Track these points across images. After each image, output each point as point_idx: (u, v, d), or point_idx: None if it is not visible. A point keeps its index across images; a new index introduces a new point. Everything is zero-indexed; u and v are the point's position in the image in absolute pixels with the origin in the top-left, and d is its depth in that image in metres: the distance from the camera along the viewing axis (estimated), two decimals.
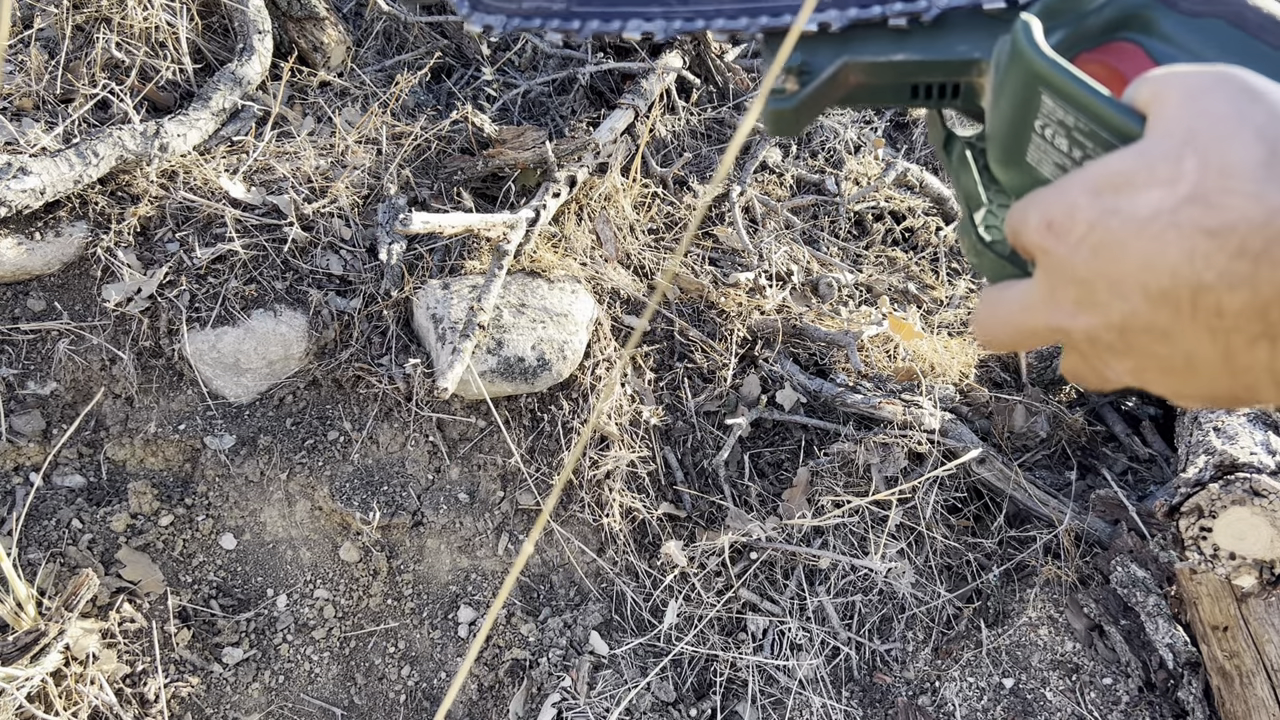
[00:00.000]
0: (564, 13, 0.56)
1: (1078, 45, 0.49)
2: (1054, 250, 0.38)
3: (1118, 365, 0.38)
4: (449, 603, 1.65)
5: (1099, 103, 0.39)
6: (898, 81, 0.53)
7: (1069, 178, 0.39)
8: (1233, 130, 0.33)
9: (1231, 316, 0.33)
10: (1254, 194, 0.32)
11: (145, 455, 1.66)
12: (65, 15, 1.83)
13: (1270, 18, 0.46)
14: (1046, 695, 1.63)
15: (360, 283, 1.74)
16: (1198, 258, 0.33)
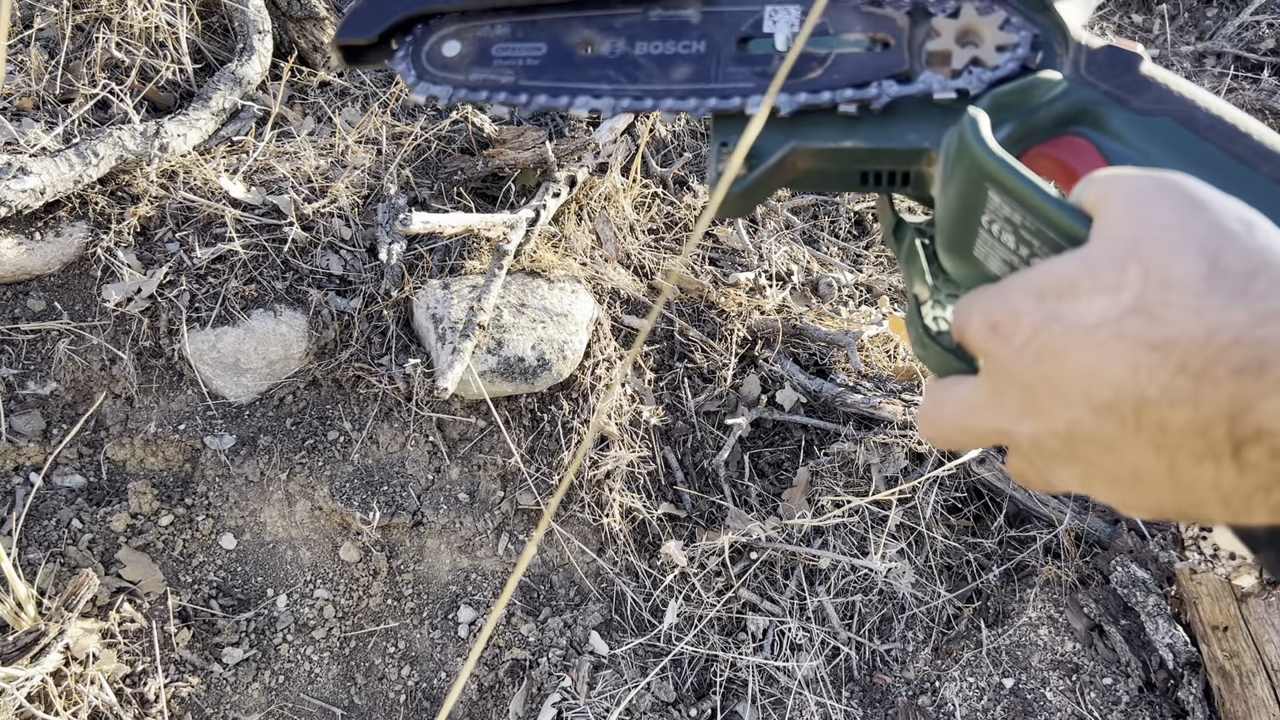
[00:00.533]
0: (511, 86, 0.56)
1: (1028, 139, 0.49)
2: (998, 353, 0.38)
3: (1063, 472, 0.38)
4: (449, 603, 1.65)
5: (1045, 203, 0.39)
6: (846, 168, 0.52)
7: (1014, 279, 0.39)
8: (1176, 241, 0.33)
9: (1175, 433, 0.33)
10: (1194, 309, 0.32)
11: (145, 455, 1.66)
12: (65, 15, 1.83)
13: (1220, 119, 0.46)
14: (1046, 695, 1.63)
15: (360, 283, 1.74)
16: (1141, 371, 0.33)
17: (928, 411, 0.45)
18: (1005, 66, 0.50)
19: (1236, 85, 2.62)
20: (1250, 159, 0.45)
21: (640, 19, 0.56)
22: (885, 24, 0.53)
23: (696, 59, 0.55)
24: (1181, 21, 2.95)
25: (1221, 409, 0.31)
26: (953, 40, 0.51)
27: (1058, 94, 0.48)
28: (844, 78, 0.52)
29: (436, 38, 0.59)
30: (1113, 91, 0.48)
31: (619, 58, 0.56)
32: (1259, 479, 0.32)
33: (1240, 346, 0.31)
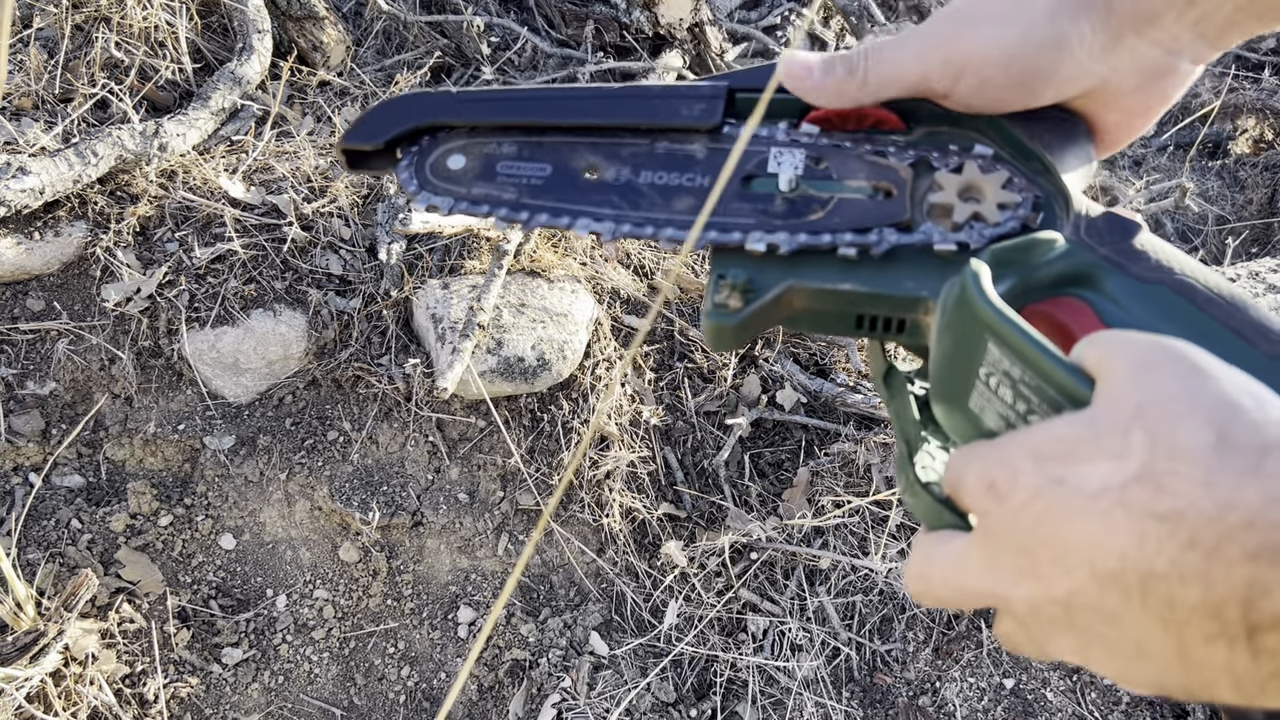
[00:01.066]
0: (513, 203, 0.57)
1: (1026, 296, 0.49)
2: (994, 514, 0.37)
3: (1060, 640, 0.37)
4: (449, 603, 1.65)
5: (1047, 360, 0.39)
6: (843, 310, 0.53)
7: (1012, 437, 0.38)
8: (1183, 410, 0.32)
9: (1185, 610, 0.32)
10: (1204, 482, 0.31)
11: (144, 455, 1.66)
12: (64, 15, 1.83)
13: (1217, 293, 0.46)
14: (1047, 695, 1.62)
15: (360, 282, 1.73)
16: (1148, 542, 0.32)
17: (917, 567, 0.43)
18: (1006, 224, 0.50)
19: (1237, 85, 2.62)
20: (1248, 335, 0.45)
21: (647, 150, 0.57)
22: (888, 173, 0.54)
23: (700, 192, 0.55)
24: None
25: (1235, 591, 0.30)
26: (955, 195, 0.52)
27: (1057, 254, 0.48)
28: (845, 222, 0.53)
29: (442, 150, 0.59)
30: (1111, 256, 0.48)
31: (623, 184, 0.56)
32: (1275, 665, 0.31)
33: (1254, 530, 0.30)
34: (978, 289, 0.42)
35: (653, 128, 0.58)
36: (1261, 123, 2.55)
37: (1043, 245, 0.48)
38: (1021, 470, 0.36)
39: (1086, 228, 0.49)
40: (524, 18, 2.49)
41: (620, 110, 0.58)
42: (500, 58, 2.37)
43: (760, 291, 0.51)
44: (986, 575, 0.38)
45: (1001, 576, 0.37)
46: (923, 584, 0.43)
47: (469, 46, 2.35)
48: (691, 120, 0.57)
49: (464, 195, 0.57)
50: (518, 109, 0.59)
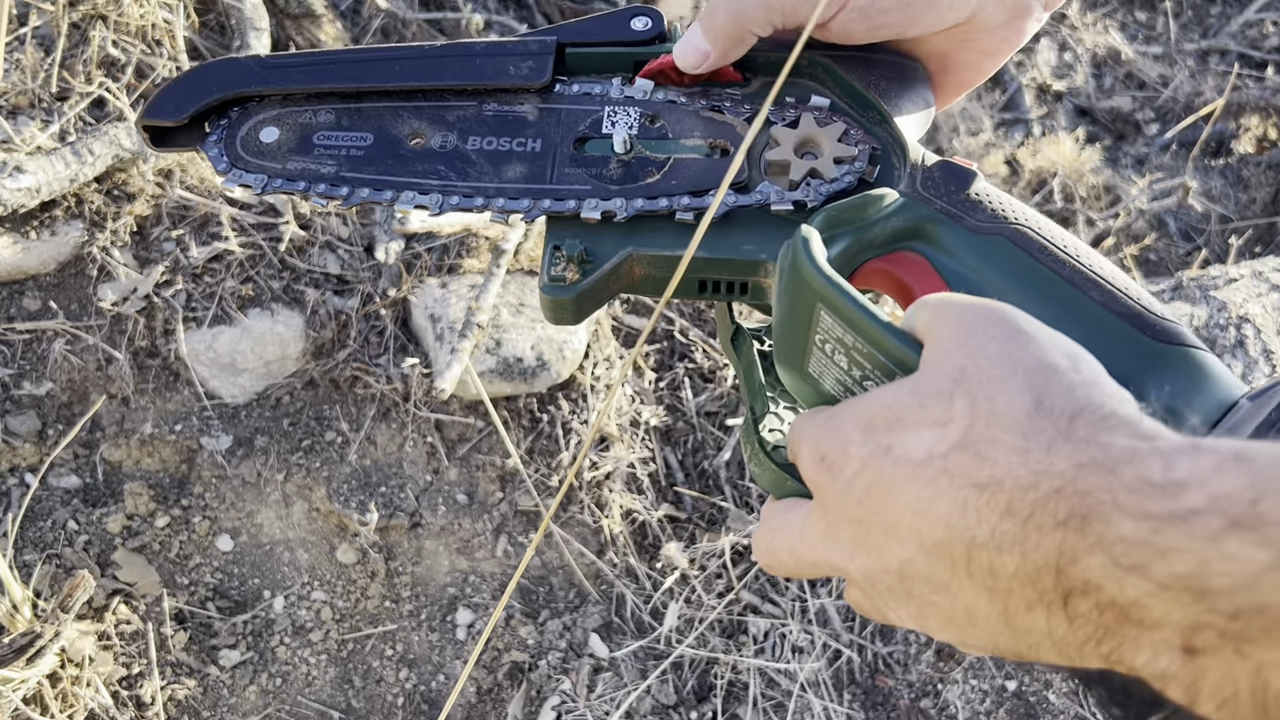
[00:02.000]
0: (332, 177, 0.53)
1: (863, 254, 0.49)
2: (827, 486, 0.37)
3: (899, 609, 0.37)
4: (447, 605, 1.64)
5: (876, 327, 0.39)
6: (684, 276, 0.51)
7: (843, 409, 0.38)
8: (1002, 374, 0.32)
9: (1005, 578, 0.32)
10: (1020, 449, 0.31)
11: (141, 456, 1.65)
12: (61, 12, 1.82)
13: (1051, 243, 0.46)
14: (1049, 698, 1.62)
15: (358, 282, 1.72)
16: (969, 511, 0.32)
17: (764, 538, 0.43)
18: (843, 179, 0.50)
19: (1241, 83, 2.61)
20: (1079, 283, 0.45)
21: (475, 113, 0.54)
22: (724, 130, 0.52)
23: (531, 158, 0.53)
24: (1185, 19, 2.94)
25: (1049, 559, 0.30)
26: (791, 151, 0.51)
27: (893, 209, 0.48)
28: (682, 184, 0.51)
29: (254, 122, 0.55)
30: (947, 208, 0.48)
31: (450, 152, 0.53)
32: (1089, 630, 0.31)
33: (1063, 496, 0.30)
34: (807, 256, 0.41)
35: (479, 89, 0.54)
36: (1265, 121, 2.54)
37: (878, 202, 0.48)
38: (851, 441, 0.36)
39: (923, 179, 0.49)
40: (523, 15, 2.48)
41: (443, 70, 0.54)
42: None
43: (598, 261, 0.50)
44: (824, 547, 0.38)
45: (838, 548, 0.37)
46: (769, 555, 0.43)
47: None
48: (520, 79, 0.54)
49: (279, 171, 0.54)
50: (332, 73, 0.55)
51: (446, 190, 0.52)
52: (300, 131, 0.54)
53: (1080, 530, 0.30)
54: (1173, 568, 0.28)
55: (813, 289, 0.41)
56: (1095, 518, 0.29)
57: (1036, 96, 2.68)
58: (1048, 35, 2.81)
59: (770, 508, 0.45)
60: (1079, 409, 0.31)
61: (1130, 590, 0.29)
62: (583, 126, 0.53)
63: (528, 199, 0.52)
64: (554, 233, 0.51)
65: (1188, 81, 2.69)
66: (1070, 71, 2.75)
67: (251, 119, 0.55)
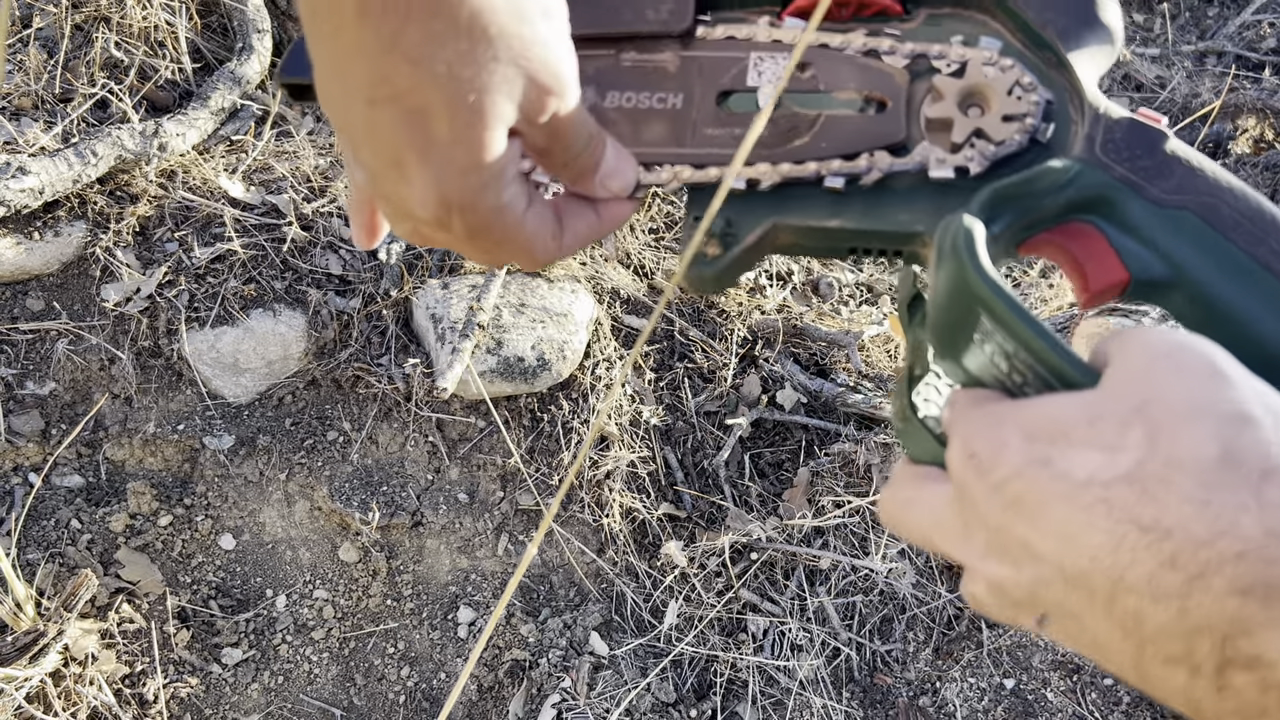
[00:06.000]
0: None
1: (1033, 227, 0.44)
2: (972, 486, 0.35)
3: (1023, 617, 0.35)
4: (448, 603, 1.65)
5: (1047, 349, 0.35)
6: (832, 245, 0.47)
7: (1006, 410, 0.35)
8: (1190, 415, 0.30)
9: (1151, 628, 0.30)
10: (1199, 500, 0.28)
11: (144, 455, 1.66)
12: (64, 14, 1.83)
13: (1246, 213, 0.41)
14: (1048, 696, 1.62)
15: (359, 282, 1.73)
16: (1124, 549, 0.29)
17: (892, 504, 0.41)
18: (1012, 140, 0.45)
19: (1238, 85, 2.62)
20: (1277, 266, 0.40)
21: (612, 64, 0.49)
22: (883, 80, 0.47)
23: (672, 116, 0.48)
24: (1182, 20, 2.95)
25: (1214, 624, 0.28)
26: (955, 105, 0.45)
27: (1068, 180, 0.43)
28: (832, 146, 0.46)
29: None
30: (1129, 177, 0.43)
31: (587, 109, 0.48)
32: (1238, 705, 0.29)
33: (1247, 562, 0.28)
34: (970, 257, 0.37)
35: (617, 35, 0.49)
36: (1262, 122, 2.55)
37: (1050, 175, 0.43)
38: (1008, 444, 0.34)
39: (1104, 140, 0.43)
40: None
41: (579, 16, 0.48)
42: None
43: (741, 234, 0.46)
44: (956, 542, 0.37)
45: (972, 548, 0.36)
46: (895, 521, 0.41)
47: None
48: (658, 23, 0.48)
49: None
50: None
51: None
52: None
53: (1264, 602, 0.27)
54: None
55: (975, 294, 0.36)
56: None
57: None
58: None
59: (905, 471, 0.42)
60: (1273, 468, 0.28)
61: None
62: (726, 78, 0.48)
63: (666, 166, 0.47)
64: (695, 202, 0.47)
65: (1185, 83, 2.70)
66: None
67: None
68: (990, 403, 0.37)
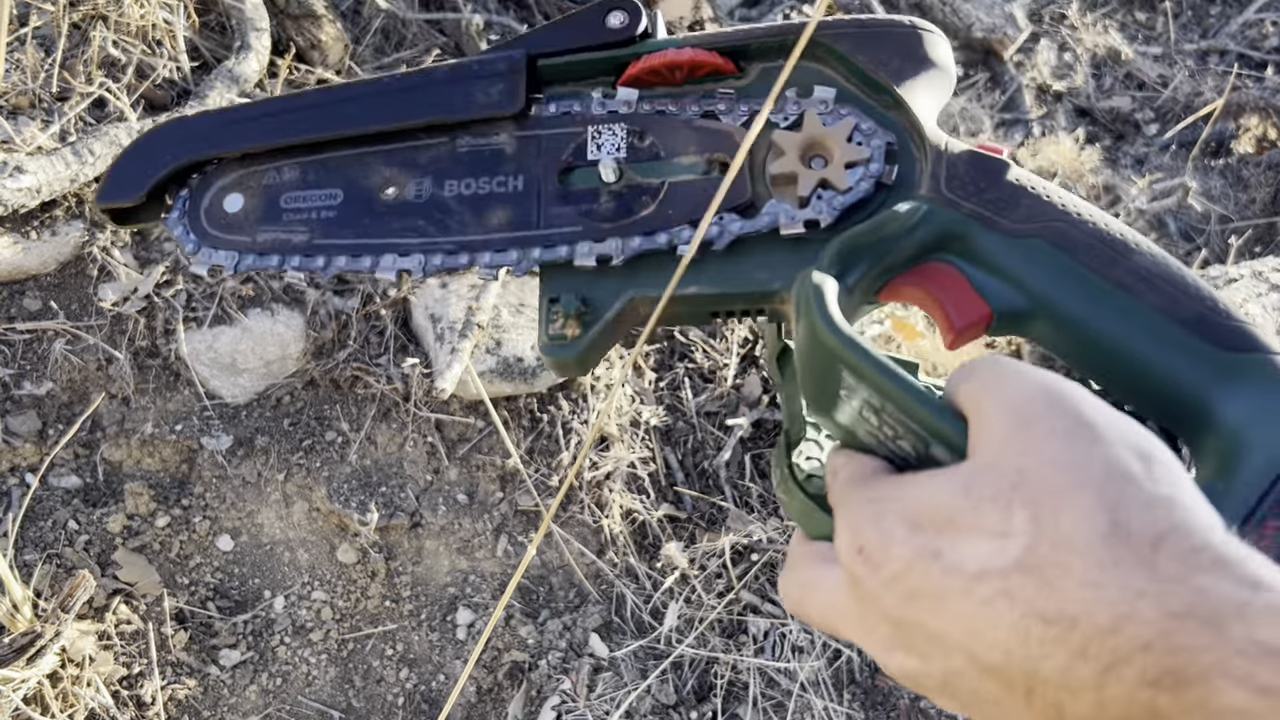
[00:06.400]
0: (305, 247, 0.48)
1: (888, 273, 0.43)
2: (865, 580, 0.33)
3: (945, 703, 0.34)
4: (447, 605, 1.64)
5: (909, 399, 0.34)
6: (694, 310, 0.47)
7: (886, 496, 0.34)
8: (1069, 484, 0.29)
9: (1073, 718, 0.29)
10: (1095, 583, 0.28)
11: (142, 456, 1.66)
12: (62, 13, 1.82)
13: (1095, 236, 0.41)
14: None
15: (358, 282, 1.73)
16: (1032, 643, 0.28)
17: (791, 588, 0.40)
18: (858, 187, 0.44)
19: (1240, 83, 2.61)
20: (1131, 284, 0.40)
21: (448, 151, 0.49)
22: (721, 140, 0.46)
23: (514, 199, 0.47)
24: (1185, 19, 2.94)
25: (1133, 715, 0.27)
26: (797, 158, 0.45)
27: (917, 221, 0.42)
28: (680, 213, 0.46)
29: (216, 190, 0.50)
30: (978, 211, 0.42)
31: (426, 202, 0.48)
32: None
33: (1154, 652, 0.27)
34: (821, 315, 0.36)
35: (448, 123, 0.49)
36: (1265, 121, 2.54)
37: (897, 219, 0.42)
38: (894, 538, 0.32)
39: (948, 176, 0.43)
40: (523, 15, 2.48)
41: (407, 106, 0.48)
42: None
43: (598, 312, 0.46)
44: (859, 633, 0.36)
45: (873, 639, 0.35)
46: (798, 608, 0.39)
47: (468, 45, 2.34)
48: (491, 107, 0.48)
49: (249, 245, 0.49)
50: (289, 123, 0.49)
51: (428, 249, 0.47)
52: (266, 195, 0.50)
53: (1175, 692, 0.27)
54: None
55: (830, 350, 0.36)
56: (1196, 681, 0.26)
57: (1036, 97, 2.68)
58: (1047, 35, 2.81)
59: (799, 551, 0.40)
60: (1161, 534, 0.28)
61: None
62: (566, 154, 0.48)
63: (516, 249, 0.47)
64: (548, 283, 0.47)
65: (1187, 82, 2.69)
66: (1070, 72, 2.75)
67: (213, 186, 0.50)
68: (871, 483, 0.36)
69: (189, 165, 0.50)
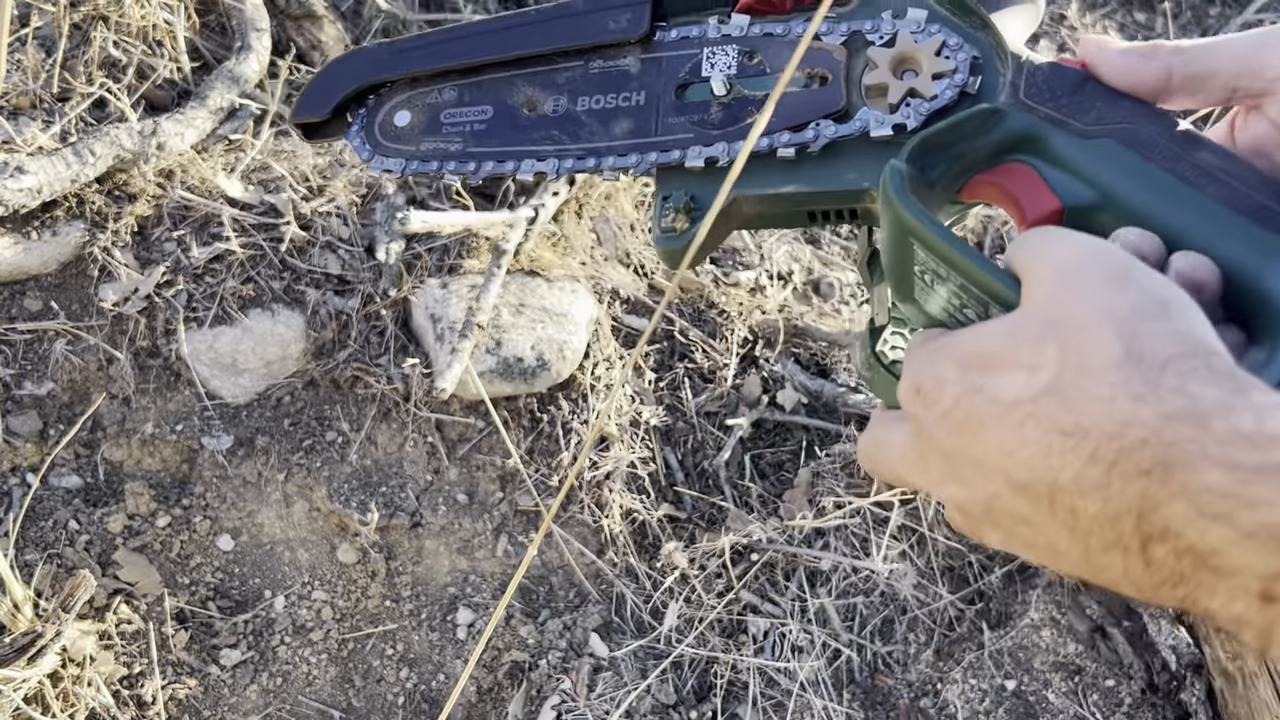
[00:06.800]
0: (460, 154, 0.57)
1: (967, 171, 0.48)
2: (921, 418, 0.38)
3: (989, 534, 0.39)
4: (447, 604, 1.65)
5: (971, 264, 0.39)
6: (792, 210, 0.52)
7: (943, 344, 0.39)
8: (1095, 322, 0.33)
9: (1086, 520, 0.33)
10: (1106, 398, 0.32)
11: (142, 456, 1.66)
12: (62, 13, 1.83)
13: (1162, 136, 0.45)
14: (1049, 697, 1.62)
15: (358, 282, 1.73)
16: (1053, 455, 0.33)
17: (868, 446, 0.45)
18: (943, 95, 0.49)
19: None
20: (1194, 179, 0.44)
21: (581, 73, 0.56)
22: (822, 58, 0.52)
23: (636, 111, 0.54)
24: (1184, 19, 2.94)
25: (1130, 505, 0.31)
26: (889, 71, 0.50)
27: (994, 124, 0.47)
28: (780, 120, 0.51)
29: (389, 108, 0.59)
30: (1052, 115, 0.47)
31: (562, 116, 0.56)
32: (1164, 574, 0.32)
33: (1149, 446, 0.31)
34: (895, 191, 0.41)
35: (583, 47, 0.56)
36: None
37: (977, 119, 0.47)
38: (947, 377, 0.37)
39: (1027, 84, 0.48)
40: None
41: (549, 34, 0.56)
42: None
43: (705, 208, 0.51)
44: (917, 471, 0.40)
45: (930, 475, 0.39)
46: (871, 463, 0.45)
47: None
48: (620, 33, 0.55)
49: (414, 153, 0.58)
50: (451, 50, 0.57)
51: (561, 154, 0.55)
52: (429, 112, 0.58)
53: (1163, 479, 0.31)
54: (1260, 517, 0.29)
55: (904, 224, 0.41)
56: (1180, 466, 0.30)
57: None
58: (1047, 35, 2.81)
59: (878, 416, 0.45)
60: (1169, 358, 0.32)
61: (1211, 538, 0.30)
62: (683, 73, 0.54)
63: (635, 154, 0.53)
64: (663, 183, 0.53)
65: None
66: None
67: (386, 104, 0.59)
68: (932, 339, 0.40)
69: (367, 88, 0.59)
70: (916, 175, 0.44)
